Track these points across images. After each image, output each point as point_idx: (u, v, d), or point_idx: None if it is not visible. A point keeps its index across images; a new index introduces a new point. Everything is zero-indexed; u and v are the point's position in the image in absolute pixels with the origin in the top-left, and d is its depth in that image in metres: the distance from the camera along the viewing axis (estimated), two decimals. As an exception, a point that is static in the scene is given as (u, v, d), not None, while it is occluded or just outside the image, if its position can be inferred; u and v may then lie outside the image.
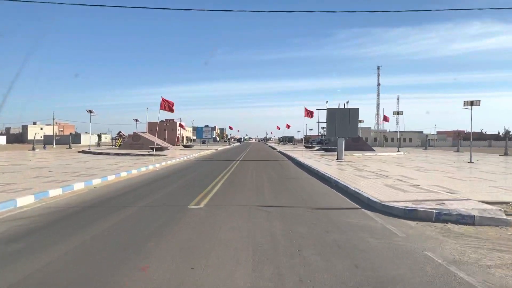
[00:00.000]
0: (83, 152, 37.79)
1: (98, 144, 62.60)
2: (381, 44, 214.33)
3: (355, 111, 27.73)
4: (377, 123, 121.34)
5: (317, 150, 46.61)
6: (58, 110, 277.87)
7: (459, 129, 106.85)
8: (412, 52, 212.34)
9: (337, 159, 27.30)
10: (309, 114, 31.07)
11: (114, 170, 16.64)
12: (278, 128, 68.37)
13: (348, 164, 21.53)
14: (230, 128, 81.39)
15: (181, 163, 23.48)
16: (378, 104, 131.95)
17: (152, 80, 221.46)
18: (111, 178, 13.94)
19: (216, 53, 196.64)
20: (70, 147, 53.21)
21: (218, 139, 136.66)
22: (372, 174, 15.42)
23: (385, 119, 40.09)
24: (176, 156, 28.84)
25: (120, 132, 61.51)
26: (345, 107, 27.82)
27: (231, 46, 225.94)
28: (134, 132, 46.74)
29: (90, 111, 41.78)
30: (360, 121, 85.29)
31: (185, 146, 55.89)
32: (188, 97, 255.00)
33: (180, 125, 63.44)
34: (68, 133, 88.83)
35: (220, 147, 58.56)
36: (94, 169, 16.72)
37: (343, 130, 27.30)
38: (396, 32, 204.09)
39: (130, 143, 44.93)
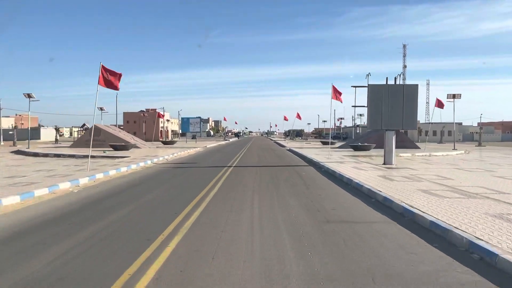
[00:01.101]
0: (18, 152, 30.48)
1: (56, 140, 55.09)
2: (398, 24, 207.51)
3: (413, 89, 20.09)
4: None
5: (340, 147, 39.00)
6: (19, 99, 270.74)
7: (504, 120, 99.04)
8: (434, 33, 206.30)
9: (384, 163, 19.71)
10: (337, 95, 23.38)
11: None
12: (286, 119, 59.39)
13: (425, 178, 13.85)
14: (225, 119, 73.58)
15: (135, 174, 16.01)
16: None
17: (135, 66, 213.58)
18: None
19: (212, 34, 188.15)
20: (14, 144, 45.77)
21: (212, 133, 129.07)
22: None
23: (439, 105, 32.67)
24: (137, 160, 21.30)
25: (84, 124, 54.00)
26: (397, 82, 20.23)
27: (229, 26, 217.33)
28: (95, 125, 39.13)
29: (29, 96, 34.17)
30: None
31: (166, 143, 48.34)
32: (177, 85, 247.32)
33: (159, 115, 55.83)
34: (34, 126, 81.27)
35: (212, 144, 51.07)
36: None
37: (393, 119, 19.76)
38: (415, 11, 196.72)
39: (86, 139, 37.38)
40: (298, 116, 52.14)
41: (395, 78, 20.59)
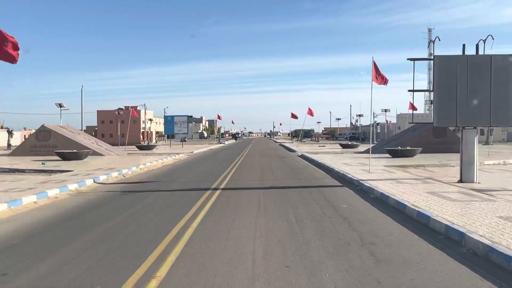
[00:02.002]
0: None
1: (9, 146, 48.96)
2: (414, 10, 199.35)
3: (508, 62, 13.93)
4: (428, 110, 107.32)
5: (367, 152, 32.90)
6: None
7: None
8: (454, 19, 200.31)
9: (461, 181, 13.60)
10: (381, 78, 17.22)
11: None
12: (294, 116, 52.72)
13: None
14: (219, 117, 67.11)
15: (31, 215, 9.83)
16: (430, 83, 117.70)
17: (118, 59, 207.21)
18: None
19: (206, 23, 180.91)
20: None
21: (206, 134, 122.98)
22: None
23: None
24: (78, 177, 15.13)
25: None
26: (480, 52, 14.13)
27: (225, 14, 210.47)
28: (43, 126, 33.25)
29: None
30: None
31: (142, 148, 42.13)
32: (167, 81, 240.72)
33: (134, 113, 49.73)
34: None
35: (202, 148, 44.93)
36: None
37: (477, 111, 13.79)
38: None
39: (31, 144, 31.35)
40: (310, 112, 45.82)
41: (477, 46, 14.35)
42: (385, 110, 57.76)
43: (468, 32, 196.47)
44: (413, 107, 24.28)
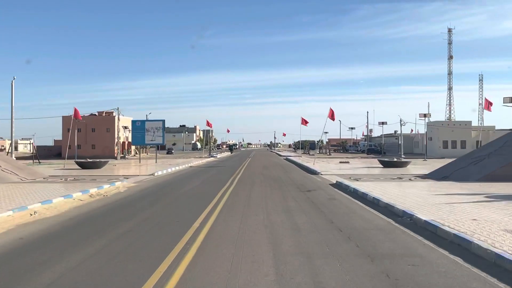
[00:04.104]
0: None
1: None
2: (412, 23, 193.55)
3: None
4: (450, 118, 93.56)
5: (437, 175, 19.27)
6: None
7: None
8: (452, 32, 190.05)
9: None
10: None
11: None
12: (305, 122, 38.60)
13: None
14: (208, 124, 52.30)
15: None
16: (450, 89, 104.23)
17: (119, 70, 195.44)
18: None
19: (204, 35, 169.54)
20: None
21: (199, 145, 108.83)
22: None
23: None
24: None
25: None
26: None
27: (223, 26, 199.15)
28: None
29: None
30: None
31: (84, 166, 27.99)
32: (163, 92, 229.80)
33: (78, 116, 35.82)
34: None
35: (180, 165, 31.16)
36: None
37: None
38: (431, 7, 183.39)
39: None
40: (331, 116, 31.96)
41: None
42: (424, 116, 43.62)
43: (464, 44, 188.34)
44: None
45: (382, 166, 28.30)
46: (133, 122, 38.88)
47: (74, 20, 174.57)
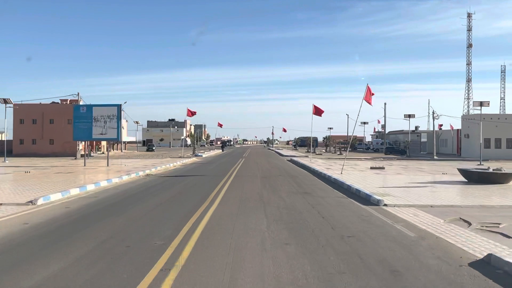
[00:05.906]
0: None
1: None
2: (408, 21, 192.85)
3: None
4: (468, 113, 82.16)
5: None
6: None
7: None
8: (447, 31, 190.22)
9: None
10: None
11: None
12: (319, 112, 26.47)
13: None
14: (189, 113, 39.81)
15: None
16: (469, 81, 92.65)
17: (120, 66, 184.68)
18: None
19: (199, 31, 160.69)
20: None
21: (189, 141, 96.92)
22: None
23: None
24: None
25: None
26: None
27: (220, 22, 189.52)
28: None
29: None
30: (436, 116, 46.27)
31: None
32: (161, 87, 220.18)
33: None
34: None
35: (141, 171, 19.60)
36: None
37: None
38: (427, 5, 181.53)
39: None
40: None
41: None
42: (480, 104, 31.96)
43: (459, 43, 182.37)
44: None
45: (465, 180, 16.71)
46: (76, 108, 26.98)
47: (72, 12, 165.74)
